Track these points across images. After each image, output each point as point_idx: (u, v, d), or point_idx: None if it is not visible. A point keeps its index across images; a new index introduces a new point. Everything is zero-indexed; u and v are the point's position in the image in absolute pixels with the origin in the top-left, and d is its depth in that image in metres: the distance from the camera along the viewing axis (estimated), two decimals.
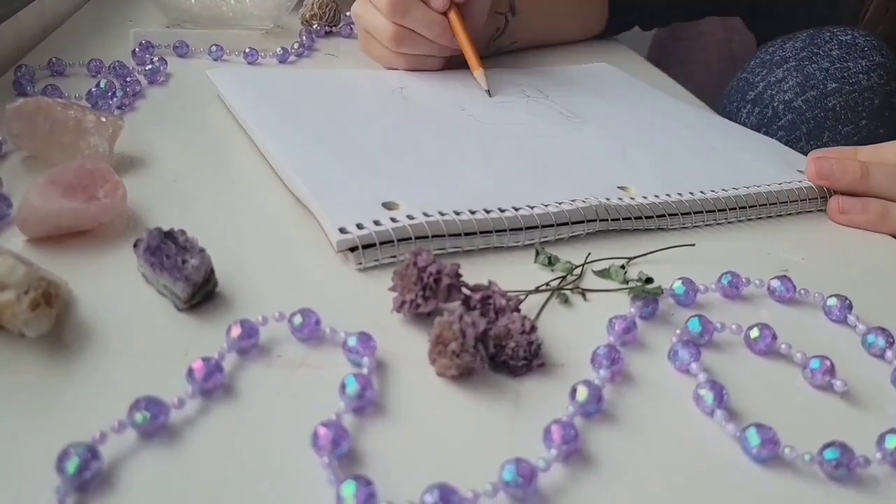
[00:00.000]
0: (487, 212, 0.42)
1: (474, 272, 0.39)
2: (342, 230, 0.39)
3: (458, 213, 0.41)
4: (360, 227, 0.39)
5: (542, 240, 0.43)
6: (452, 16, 0.62)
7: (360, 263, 0.39)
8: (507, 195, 0.44)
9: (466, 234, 0.41)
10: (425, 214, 0.41)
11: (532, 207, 0.43)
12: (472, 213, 0.42)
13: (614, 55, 0.81)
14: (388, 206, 0.42)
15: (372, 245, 0.39)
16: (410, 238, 0.40)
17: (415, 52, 0.64)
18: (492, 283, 0.36)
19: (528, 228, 0.43)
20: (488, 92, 0.61)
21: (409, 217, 0.40)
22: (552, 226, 0.43)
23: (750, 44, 0.93)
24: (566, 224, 0.43)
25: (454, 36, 0.62)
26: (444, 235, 0.41)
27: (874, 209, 0.50)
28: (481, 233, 0.42)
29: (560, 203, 0.44)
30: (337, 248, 0.39)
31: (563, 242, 0.44)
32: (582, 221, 0.44)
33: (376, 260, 0.39)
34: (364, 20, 0.65)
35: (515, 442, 0.30)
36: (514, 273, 0.40)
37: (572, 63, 0.75)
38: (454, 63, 0.66)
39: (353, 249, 0.39)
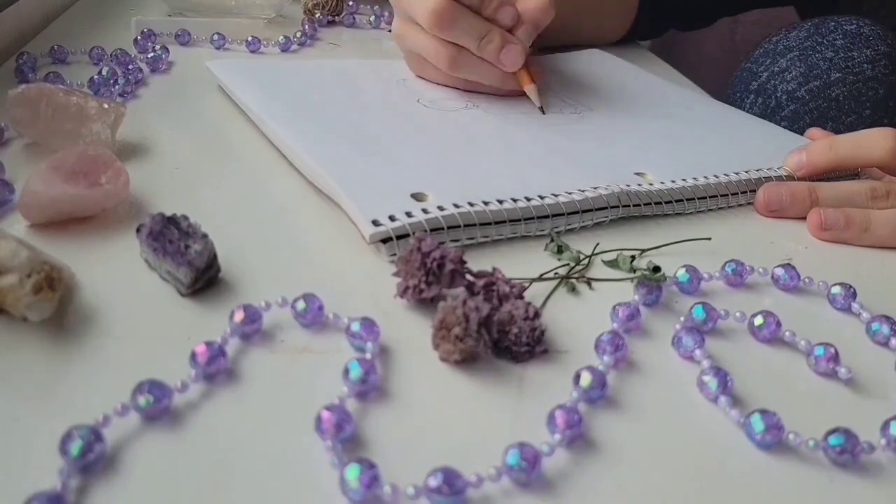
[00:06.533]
0: (514, 201, 0.42)
1: (482, 260, 0.39)
2: (375, 222, 0.39)
3: (486, 204, 0.41)
4: (392, 219, 0.39)
5: (568, 227, 0.43)
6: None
7: (394, 255, 0.39)
8: (530, 184, 0.44)
9: (495, 224, 0.41)
10: (455, 206, 0.41)
11: (556, 196, 0.43)
12: (500, 202, 0.42)
13: (617, 46, 0.81)
14: (416, 197, 0.41)
15: (405, 236, 0.39)
16: (442, 228, 0.40)
17: (472, 77, 0.57)
18: (495, 269, 0.36)
19: (553, 216, 0.43)
20: (542, 109, 0.56)
21: (440, 208, 0.40)
22: (577, 213, 0.43)
23: (753, 35, 0.92)
24: (590, 211, 0.44)
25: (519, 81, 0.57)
26: (474, 225, 0.41)
27: (857, 224, 0.46)
28: (510, 222, 0.42)
29: (583, 191, 0.44)
30: (370, 240, 0.38)
31: (574, 233, 0.44)
32: (605, 208, 0.44)
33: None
34: (410, 43, 0.57)
35: (519, 427, 0.30)
36: (521, 261, 0.40)
37: (571, 52, 0.75)
38: None
39: (384, 241, 0.39)
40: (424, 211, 0.40)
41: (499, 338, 0.33)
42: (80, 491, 0.25)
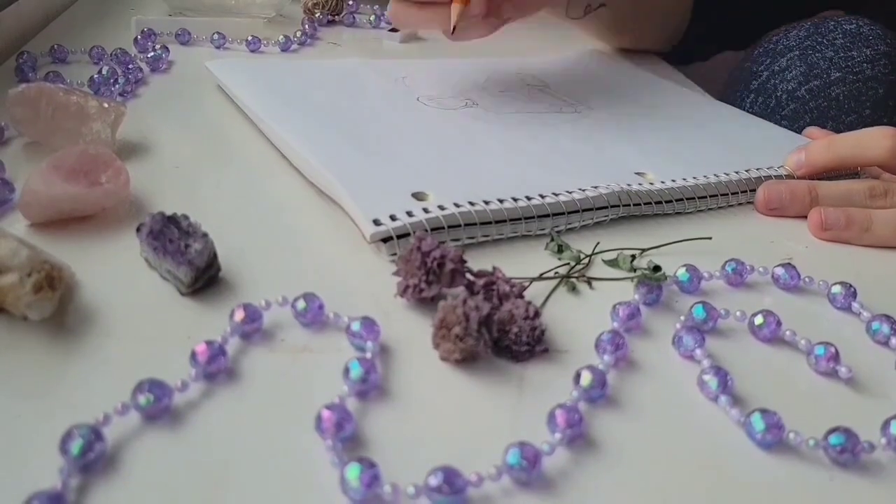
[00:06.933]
0: (515, 200, 0.42)
1: (482, 259, 0.39)
2: (376, 222, 0.39)
3: (486, 203, 0.41)
4: (392, 218, 0.39)
5: (568, 226, 0.43)
6: None
7: (394, 254, 0.39)
8: (531, 183, 0.44)
9: (496, 223, 0.41)
10: (456, 205, 0.41)
11: (557, 195, 0.43)
12: (501, 201, 0.42)
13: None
14: (417, 196, 0.41)
15: (405, 235, 0.39)
16: (443, 227, 0.40)
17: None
18: (496, 268, 0.36)
19: (554, 215, 0.43)
20: (452, 29, 0.51)
21: (441, 207, 0.40)
22: (577, 212, 0.43)
23: None
24: (590, 210, 0.44)
25: None
26: (475, 224, 0.41)
27: (858, 224, 0.46)
28: (510, 221, 0.42)
29: (584, 190, 0.44)
30: (370, 239, 0.38)
31: (574, 232, 0.44)
32: (605, 207, 0.44)
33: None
34: None
35: (519, 426, 0.30)
36: (522, 261, 0.40)
37: (571, 51, 0.75)
38: (455, 49, 0.64)
39: (384, 240, 0.39)
40: (425, 210, 0.40)
41: (499, 337, 0.33)
42: (80, 490, 0.25)
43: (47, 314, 0.32)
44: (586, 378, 0.31)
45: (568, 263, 0.40)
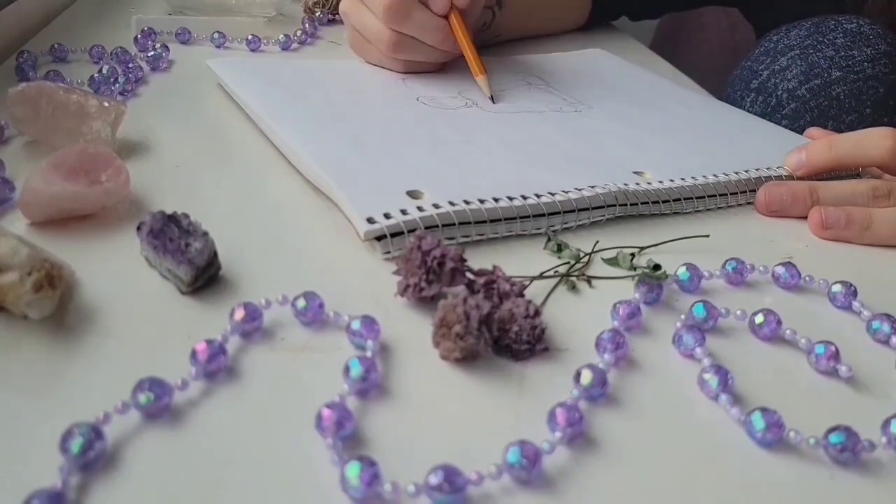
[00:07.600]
0: (510, 199, 0.42)
1: (482, 258, 0.39)
2: (370, 220, 0.39)
3: (482, 202, 0.41)
4: (387, 216, 0.39)
5: (564, 226, 0.43)
6: (454, 19, 0.57)
7: (388, 252, 0.39)
8: (527, 182, 0.44)
9: (491, 222, 0.41)
10: (451, 203, 0.41)
11: (553, 194, 0.43)
12: (496, 200, 0.42)
13: (618, 44, 0.81)
14: (412, 194, 0.41)
15: (399, 233, 0.39)
16: (437, 226, 0.40)
17: (414, 59, 0.60)
18: (496, 267, 0.36)
19: (550, 215, 0.43)
20: (492, 98, 0.57)
21: (435, 206, 0.40)
22: (573, 211, 0.43)
23: (753, 35, 0.92)
24: (587, 209, 0.44)
25: (455, 40, 0.58)
26: (469, 223, 0.41)
27: (858, 223, 0.46)
28: (505, 220, 0.42)
29: (580, 189, 0.44)
30: (364, 237, 0.38)
31: (572, 231, 0.44)
32: (602, 206, 0.44)
33: (401, 249, 0.39)
34: (354, 20, 0.59)
35: (519, 425, 0.30)
36: (521, 260, 0.40)
37: (572, 51, 0.75)
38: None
39: (378, 238, 0.39)
40: (419, 209, 0.40)
41: (499, 336, 0.33)
42: (80, 489, 0.25)
43: (47, 313, 0.32)
44: (587, 377, 0.31)
45: (568, 262, 0.40)
